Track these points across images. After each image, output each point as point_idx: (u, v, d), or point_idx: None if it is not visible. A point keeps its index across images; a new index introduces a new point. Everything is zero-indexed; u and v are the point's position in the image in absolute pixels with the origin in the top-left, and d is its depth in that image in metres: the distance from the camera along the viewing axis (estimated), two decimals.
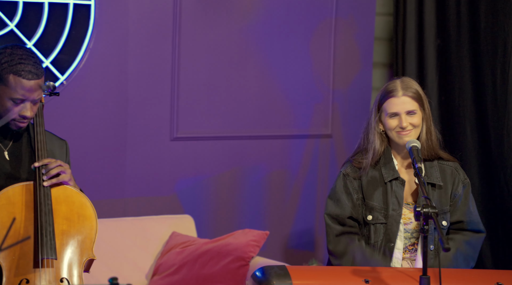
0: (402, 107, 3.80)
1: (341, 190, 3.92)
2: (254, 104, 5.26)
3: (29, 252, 3.52)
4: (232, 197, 5.26)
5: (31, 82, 3.55)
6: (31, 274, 3.50)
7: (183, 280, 4.57)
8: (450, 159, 3.93)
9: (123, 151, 4.97)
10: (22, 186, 3.62)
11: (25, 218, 3.58)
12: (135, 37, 4.93)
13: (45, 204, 3.57)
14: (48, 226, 3.55)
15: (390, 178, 3.86)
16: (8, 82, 3.55)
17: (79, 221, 3.65)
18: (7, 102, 3.58)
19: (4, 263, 3.50)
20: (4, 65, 3.55)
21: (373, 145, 3.89)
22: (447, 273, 3.54)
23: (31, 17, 4.66)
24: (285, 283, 3.46)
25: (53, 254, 3.52)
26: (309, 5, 5.31)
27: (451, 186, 3.90)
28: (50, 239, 3.53)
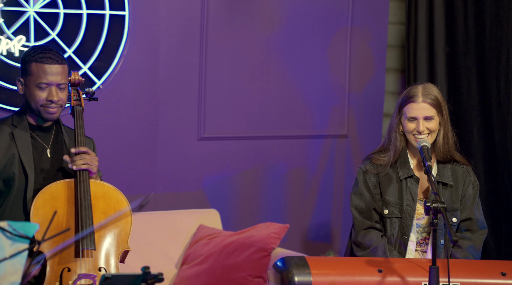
0: (421, 112, 3.81)
1: (362, 185, 3.93)
2: (275, 107, 5.26)
3: (70, 244, 3.56)
4: (254, 193, 5.26)
5: (52, 67, 3.60)
6: (72, 263, 3.53)
7: (209, 269, 4.55)
8: (464, 162, 3.93)
9: (154, 149, 4.97)
10: (64, 183, 3.65)
11: (67, 212, 3.61)
12: (165, 45, 4.93)
13: (85, 199, 3.60)
14: (87, 219, 3.58)
15: (405, 175, 3.87)
16: (32, 70, 3.61)
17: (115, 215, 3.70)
18: (35, 90, 3.62)
19: (47, 253, 3.52)
20: (27, 58, 3.63)
21: (394, 144, 3.90)
22: (455, 263, 3.55)
23: (70, 27, 4.67)
24: (304, 272, 3.47)
25: (92, 245, 3.55)
26: (327, 14, 5.30)
27: (462, 186, 3.91)
28: (89, 231, 3.57)
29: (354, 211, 3.96)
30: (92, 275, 3.52)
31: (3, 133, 3.67)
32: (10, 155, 3.65)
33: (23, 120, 3.71)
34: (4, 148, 3.65)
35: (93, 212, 3.61)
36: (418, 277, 3.50)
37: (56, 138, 3.78)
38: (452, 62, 5.12)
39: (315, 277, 3.46)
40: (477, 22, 4.97)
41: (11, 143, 3.66)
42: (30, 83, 3.63)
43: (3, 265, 2.98)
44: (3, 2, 4.50)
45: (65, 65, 3.66)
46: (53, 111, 3.65)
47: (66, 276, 3.51)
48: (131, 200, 4.65)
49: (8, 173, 3.64)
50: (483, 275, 3.54)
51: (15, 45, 4.54)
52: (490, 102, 4.92)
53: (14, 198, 3.66)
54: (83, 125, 3.76)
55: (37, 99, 3.64)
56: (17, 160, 3.65)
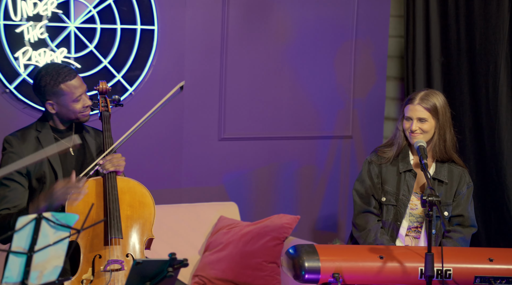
0: (415, 113, 3.84)
1: (365, 173, 3.96)
2: (287, 110, 5.25)
3: (101, 233, 3.58)
4: (269, 187, 5.25)
5: (76, 80, 3.62)
6: (102, 250, 3.55)
7: (229, 255, 4.55)
8: (461, 164, 3.95)
9: (179, 149, 4.98)
10: (94, 180, 3.67)
11: (97, 206, 3.62)
12: (189, 55, 4.94)
13: (112, 194, 3.62)
14: (115, 211, 3.59)
15: (404, 169, 3.89)
16: (63, 91, 3.60)
17: (140, 207, 3.69)
18: (72, 104, 3.63)
19: (81, 242, 3.55)
20: (50, 84, 3.60)
21: (398, 140, 3.93)
22: (447, 250, 3.55)
23: (106, 40, 4.69)
24: (314, 258, 3.47)
25: (120, 234, 3.57)
26: (333, 28, 5.28)
27: (457, 185, 3.92)
28: (117, 222, 3.58)
29: (355, 195, 3.98)
30: (120, 261, 3.53)
31: (30, 138, 3.69)
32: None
33: (46, 125, 3.72)
34: (32, 151, 3.65)
35: (120, 205, 3.63)
36: (415, 262, 3.51)
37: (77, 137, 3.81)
38: (446, 72, 5.09)
39: (323, 263, 3.47)
40: (468, 36, 4.94)
41: (38, 146, 3.67)
42: (66, 101, 3.64)
43: (48, 250, 3.02)
44: (47, 18, 4.55)
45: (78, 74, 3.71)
46: (88, 114, 3.71)
47: (98, 262, 3.52)
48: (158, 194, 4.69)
49: (39, 173, 3.66)
50: (472, 261, 3.54)
51: (58, 56, 4.55)
52: (480, 108, 4.90)
53: None
54: (110, 128, 3.79)
55: (76, 110, 3.66)
56: (46, 160, 3.67)
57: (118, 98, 3.91)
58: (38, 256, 2.98)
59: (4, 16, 4.44)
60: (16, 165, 3.64)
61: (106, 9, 4.68)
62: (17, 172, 3.64)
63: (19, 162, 3.63)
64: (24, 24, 4.49)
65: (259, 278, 4.49)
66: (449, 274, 3.50)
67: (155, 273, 3.02)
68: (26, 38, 4.50)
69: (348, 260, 3.51)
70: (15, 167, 3.63)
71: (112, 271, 3.51)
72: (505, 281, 3.53)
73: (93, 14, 4.65)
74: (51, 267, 3.04)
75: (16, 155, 3.64)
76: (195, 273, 4.60)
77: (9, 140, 3.69)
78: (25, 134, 3.70)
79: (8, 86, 4.50)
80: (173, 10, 4.85)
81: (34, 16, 4.50)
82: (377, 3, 5.40)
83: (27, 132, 3.71)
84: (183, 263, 3.00)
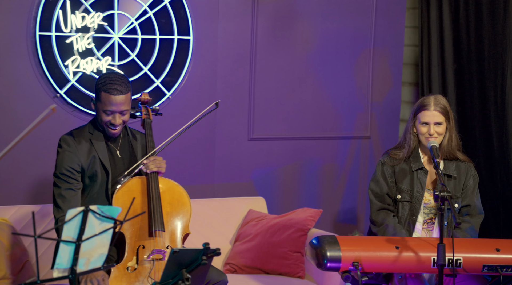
0: (432, 118, 3.83)
1: (379, 174, 3.95)
2: (311, 113, 5.24)
3: (145, 226, 3.62)
4: (294, 183, 5.24)
5: (117, 98, 3.59)
6: (146, 241, 3.59)
7: (257, 245, 4.55)
8: (466, 159, 3.93)
9: (212, 148, 4.99)
10: (138, 179, 3.71)
11: (141, 201, 3.66)
12: (221, 63, 4.95)
13: (155, 191, 3.65)
14: (157, 207, 3.63)
15: (416, 168, 3.88)
16: (101, 97, 3.61)
17: (178, 205, 3.73)
18: (102, 113, 3.64)
19: (126, 233, 3.59)
20: (99, 85, 3.62)
21: (408, 143, 3.91)
22: (458, 241, 3.55)
23: (146, 49, 4.71)
24: (335, 248, 3.48)
25: (162, 227, 3.60)
26: (353, 38, 5.27)
27: (464, 178, 3.90)
28: (159, 217, 3.62)
29: (370, 194, 3.97)
30: (162, 251, 3.57)
31: (84, 140, 3.72)
32: (91, 157, 3.70)
33: (98, 128, 3.76)
34: (86, 151, 3.70)
35: (161, 202, 3.67)
36: (428, 252, 3.51)
37: (123, 140, 3.82)
38: (459, 77, 5.07)
39: (344, 253, 3.48)
40: (478, 45, 4.92)
41: (91, 147, 3.71)
42: (99, 107, 3.66)
43: (93, 240, 3.04)
44: (94, 30, 4.58)
45: (129, 93, 3.64)
46: (114, 132, 3.70)
47: (141, 252, 3.57)
48: (193, 189, 4.70)
49: (91, 171, 3.70)
50: (481, 251, 3.54)
51: (103, 64, 4.59)
52: (489, 110, 4.87)
53: (99, 189, 3.73)
54: (151, 134, 3.82)
55: (102, 120, 3.67)
56: (98, 160, 3.70)
57: (158, 108, 3.93)
58: (85, 245, 3.01)
59: (56, 28, 4.49)
60: (72, 162, 3.68)
61: (146, 21, 4.70)
62: (73, 168, 3.68)
63: (75, 159, 3.67)
64: (74, 35, 4.52)
65: (285, 266, 4.49)
66: (459, 263, 3.50)
67: (191, 261, 3.03)
68: (75, 48, 4.54)
69: (367, 250, 3.51)
70: (71, 164, 3.67)
71: (154, 260, 3.54)
72: (511, 269, 3.52)
73: (135, 26, 4.67)
74: (97, 254, 3.06)
75: (72, 154, 3.68)
76: (227, 261, 4.61)
77: (66, 139, 3.72)
78: (79, 135, 3.74)
79: (59, 91, 4.54)
80: (207, 21, 4.87)
81: (82, 28, 4.54)
82: (393, 15, 5.38)
83: (82, 134, 3.74)
84: (216, 252, 3.02)
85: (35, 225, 2.89)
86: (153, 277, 3.51)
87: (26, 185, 4.51)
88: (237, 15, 4.95)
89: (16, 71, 4.45)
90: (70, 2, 4.49)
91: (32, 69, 4.47)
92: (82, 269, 3.03)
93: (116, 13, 4.62)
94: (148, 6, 4.68)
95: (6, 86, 4.44)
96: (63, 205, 3.63)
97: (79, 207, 3.01)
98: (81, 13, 4.52)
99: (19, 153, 4.38)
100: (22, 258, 4.16)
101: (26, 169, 4.47)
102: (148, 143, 3.79)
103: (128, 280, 3.52)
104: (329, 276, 4.34)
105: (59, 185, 3.66)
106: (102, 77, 3.68)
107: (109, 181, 3.72)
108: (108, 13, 4.60)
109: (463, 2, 5.02)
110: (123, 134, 3.83)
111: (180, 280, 3.02)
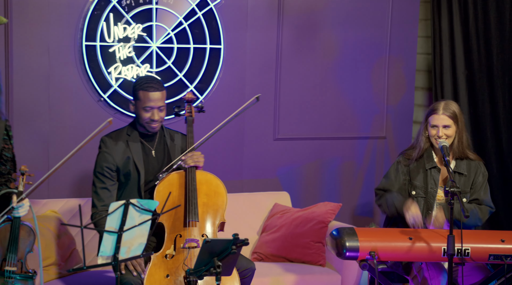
0: (441, 122, 3.82)
1: (393, 171, 3.93)
2: (332, 115, 5.22)
3: (181, 217, 3.63)
4: (316, 179, 5.22)
5: (154, 94, 3.63)
6: (182, 231, 3.61)
7: (282, 236, 4.55)
8: (476, 158, 3.91)
9: (241, 147, 4.99)
10: (177, 173, 3.72)
11: (179, 194, 3.67)
12: (250, 70, 4.95)
13: (192, 184, 3.66)
14: (193, 199, 3.64)
15: (430, 166, 3.87)
16: (139, 96, 3.65)
17: (215, 196, 3.73)
18: (141, 111, 3.67)
19: (165, 223, 3.62)
20: (137, 86, 3.66)
21: (420, 144, 3.91)
22: (466, 233, 3.53)
23: (182, 57, 4.72)
24: (353, 239, 3.49)
25: (196, 218, 3.62)
26: (370, 47, 5.24)
27: (474, 175, 3.88)
28: (194, 208, 3.63)
29: (376, 191, 3.96)
30: (196, 240, 3.59)
31: (121, 141, 3.75)
32: (126, 157, 3.74)
33: (134, 131, 3.78)
34: (121, 152, 3.73)
35: (198, 194, 3.67)
36: (439, 243, 3.50)
37: (159, 141, 3.84)
38: (470, 83, 5.03)
39: (361, 243, 3.48)
40: (487, 53, 4.88)
41: (126, 148, 3.74)
42: (138, 105, 3.69)
43: (134, 230, 3.07)
44: (134, 40, 4.60)
45: (164, 91, 3.69)
46: (154, 127, 3.72)
47: (178, 240, 3.59)
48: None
49: (126, 170, 3.73)
50: (487, 242, 3.53)
51: (142, 71, 4.61)
52: (498, 112, 4.85)
53: (131, 186, 3.76)
54: (192, 130, 3.83)
55: (143, 118, 3.70)
56: (132, 161, 3.73)
57: (202, 106, 3.95)
58: (126, 235, 3.04)
59: (100, 38, 4.52)
60: (107, 162, 3.71)
61: (181, 31, 4.71)
62: (108, 168, 3.71)
63: (111, 159, 3.70)
64: (116, 45, 4.55)
65: (307, 255, 4.49)
66: (467, 253, 3.49)
67: (222, 250, 3.05)
68: (117, 56, 4.57)
69: (383, 240, 3.52)
70: (107, 163, 3.70)
71: (189, 248, 3.56)
72: None
73: (171, 36, 4.69)
74: (137, 243, 3.09)
75: (108, 154, 3.71)
76: (254, 250, 4.61)
77: (105, 140, 3.76)
78: (117, 136, 3.77)
79: (102, 95, 4.57)
80: (236, 32, 4.87)
81: (124, 38, 4.57)
82: (407, 26, 5.34)
83: (120, 135, 3.78)
84: (245, 242, 3.04)
85: (82, 217, 2.92)
86: (187, 264, 3.52)
87: (73, 180, 4.55)
88: (264, 26, 4.96)
89: (65, 78, 4.49)
90: (113, 14, 4.52)
91: (79, 76, 4.51)
92: (124, 256, 3.06)
93: (154, 25, 4.64)
94: (183, 18, 4.70)
95: (57, 91, 4.49)
96: (97, 202, 3.68)
97: (120, 201, 3.04)
98: (123, 24, 4.55)
99: (68, 152, 4.42)
100: (70, 246, 4.20)
101: (73, 166, 4.50)
102: (188, 139, 3.80)
103: (165, 267, 3.53)
104: (347, 264, 4.34)
105: (95, 183, 3.70)
106: (139, 79, 3.73)
107: (140, 179, 3.74)
108: (147, 25, 4.63)
109: (472, 14, 4.99)
110: (159, 135, 3.84)
111: (212, 267, 3.03)
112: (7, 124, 3.27)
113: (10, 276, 3.09)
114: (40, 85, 4.44)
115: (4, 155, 3.25)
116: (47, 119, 4.46)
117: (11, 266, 3.09)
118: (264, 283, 4.24)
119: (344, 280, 4.37)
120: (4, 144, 3.25)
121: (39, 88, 4.44)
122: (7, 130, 3.27)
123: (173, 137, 3.90)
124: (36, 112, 4.44)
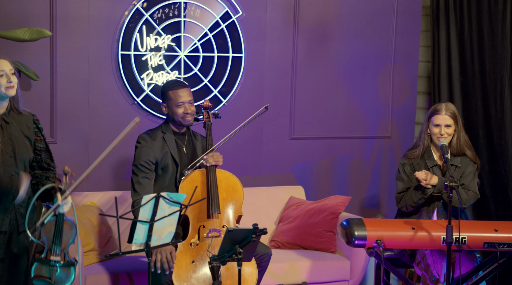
0: (443, 121, 3.80)
1: (402, 173, 3.91)
2: (342, 117, 5.20)
3: (204, 210, 3.64)
4: (328, 175, 5.20)
5: (182, 91, 3.67)
6: (205, 222, 3.62)
7: (297, 226, 4.54)
8: (473, 159, 3.88)
9: (260, 145, 4.98)
10: (199, 171, 3.72)
11: (201, 189, 3.67)
12: (268, 75, 4.94)
13: (213, 181, 3.67)
14: (215, 194, 3.64)
15: (432, 165, 3.86)
16: (170, 96, 3.68)
17: (232, 192, 3.73)
18: (175, 108, 3.69)
19: (190, 215, 3.62)
20: (165, 89, 3.70)
21: (422, 142, 3.89)
22: (463, 223, 3.52)
23: (207, 64, 4.72)
24: (362, 229, 3.49)
25: (218, 210, 3.62)
26: (376, 55, 5.22)
27: (465, 166, 3.86)
28: (216, 201, 3.63)
29: (398, 190, 3.93)
30: (218, 230, 3.59)
31: (158, 137, 3.76)
32: (164, 152, 3.74)
33: (168, 128, 3.79)
34: (159, 147, 3.74)
35: (218, 189, 3.69)
36: (439, 232, 3.50)
37: (188, 139, 3.85)
38: (464, 88, 5.00)
39: (369, 232, 3.48)
40: (480, 61, 4.85)
41: (163, 143, 3.75)
42: (171, 105, 3.70)
43: (164, 220, 3.09)
44: (165, 49, 4.60)
45: (189, 88, 3.73)
46: (189, 120, 3.74)
47: (202, 230, 3.60)
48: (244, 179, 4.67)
49: (164, 163, 3.73)
50: (482, 231, 3.52)
51: (171, 77, 4.61)
52: (490, 116, 4.81)
53: (170, 179, 3.77)
54: (211, 134, 3.84)
55: (178, 114, 3.72)
56: (169, 155, 3.73)
57: (217, 113, 3.95)
58: (157, 224, 3.06)
59: (134, 48, 4.54)
60: (148, 155, 3.72)
61: (207, 41, 4.72)
62: (149, 160, 3.73)
63: (151, 153, 3.72)
64: (148, 54, 4.57)
65: (320, 243, 4.48)
66: (464, 241, 3.48)
67: (243, 238, 3.06)
68: (149, 64, 4.58)
69: (388, 230, 3.51)
70: (148, 156, 3.71)
71: (212, 237, 3.57)
72: (507, 246, 3.51)
73: (197, 46, 4.70)
74: (167, 232, 3.11)
75: (149, 148, 3.73)
76: (272, 239, 4.61)
77: (144, 137, 3.78)
78: (154, 134, 3.79)
79: (136, 99, 4.59)
80: (256, 41, 4.87)
81: (155, 47, 4.58)
82: (409, 36, 5.31)
83: (156, 133, 3.79)
84: (263, 231, 3.04)
85: (117, 207, 2.94)
86: (211, 251, 3.53)
87: (110, 175, 4.57)
88: (280, 37, 4.95)
89: (103, 83, 4.52)
90: (146, 27, 4.53)
91: (115, 82, 4.53)
92: (155, 243, 3.07)
93: (182, 36, 4.65)
94: (208, 29, 4.70)
95: (96, 95, 4.51)
96: (140, 190, 3.68)
97: (152, 193, 3.05)
98: (154, 35, 4.57)
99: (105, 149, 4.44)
100: (107, 234, 4.23)
101: (110, 162, 4.52)
102: (208, 141, 3.81)
103: (191, 254, 3.55)
104: (356, 251, 4.33)
105: (137, 173, 3.70)
106: (166, 83, 3.78)
107: (178, 172, 3.75)
108: (176, 35, 4.63)
109: (467, 26, 4.96)
110: (188, 134, 3.86)
111: (234, 254, 3.04)
112: (34, 118, 3.30)
113: (54, 264, 3.12)
114: (80, 90, 4.47)
115: (37, 146, 3.28)
116: (86, 121, 4.49)
117: (55, 256, 3.12)
118: (282, 268, 4.24)
119: (353, 265, 4.37)
120: (36, 136, 3.28)
121: (79, 93, 4.47)
122: (36, 124, 3.29)
123: (197, 137, 3.92)
124: (77, 114, 4.47)
